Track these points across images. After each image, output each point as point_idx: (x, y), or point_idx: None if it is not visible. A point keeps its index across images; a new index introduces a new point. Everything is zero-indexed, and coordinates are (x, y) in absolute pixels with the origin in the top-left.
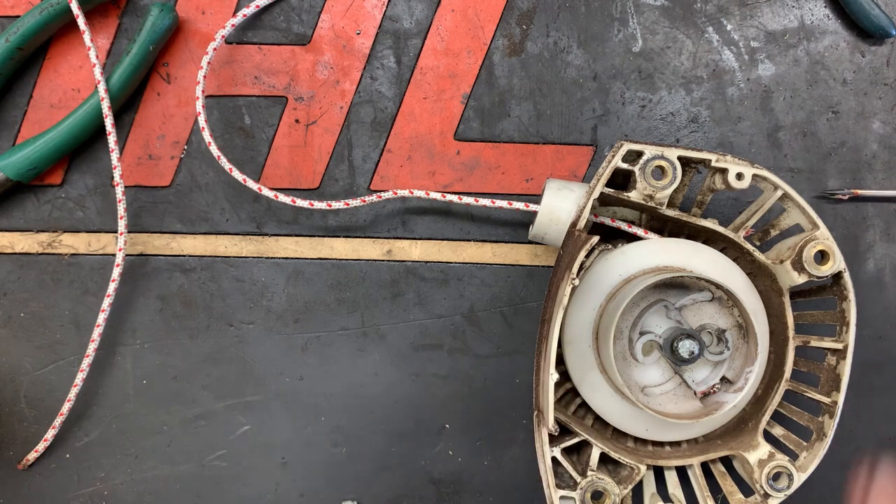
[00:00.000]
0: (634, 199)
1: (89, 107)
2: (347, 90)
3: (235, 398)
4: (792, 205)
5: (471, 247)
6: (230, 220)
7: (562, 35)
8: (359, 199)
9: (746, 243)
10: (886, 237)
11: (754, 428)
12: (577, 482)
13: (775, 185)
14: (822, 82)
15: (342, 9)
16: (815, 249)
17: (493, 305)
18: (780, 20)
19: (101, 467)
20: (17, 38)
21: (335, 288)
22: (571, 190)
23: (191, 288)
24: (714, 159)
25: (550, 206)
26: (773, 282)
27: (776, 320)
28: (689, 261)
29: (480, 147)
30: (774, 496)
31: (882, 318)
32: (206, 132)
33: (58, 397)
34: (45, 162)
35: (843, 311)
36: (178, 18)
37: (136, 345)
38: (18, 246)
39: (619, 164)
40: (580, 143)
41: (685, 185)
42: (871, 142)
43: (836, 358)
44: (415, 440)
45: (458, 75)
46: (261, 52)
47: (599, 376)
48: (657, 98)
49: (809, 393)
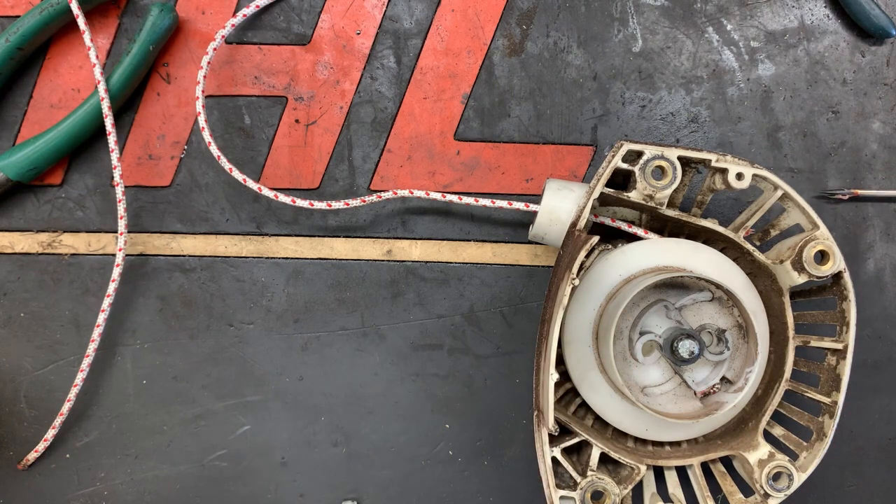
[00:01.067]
0: (634, 199)
1: (89, 107)
2: (347, 90)
3: (235, 398)
4: (792, 205)
5: (471, 247)
6: (230, 220)
7: (562, 35)
8: (359, 199)
9: (746, 243)
10: (886, 237)
11: (754, 428)
12: (577, 482)
13: (775, 185)
14: (822, 82)
15: (342, 9)
16: (815, 249)
17: (493, 305)
18: (780, 20)
19: (101, 467)
20: (17, 38)
21: (335, 288)
22: (571, 190)
23: (191, 288)
24: (714, 159)
25: (550, 206)
26: (773, 282)
27: (776, 320)
28: (689, 261)
29: (480, 147)
30: (774, 496)
31: (882, 318)
32: (205, 132)
33: (58, 397)
34: (45, 162)
35: (843, 311)
36: (178, 18)
37: (136, 345)
38: (18, 246)
39: (620, 164)
40: (580, 143)
41: (685, 185)
42: (871, 142)
43: (836, 358)
44: (415, 440)
45: (458, 75)
46: (261, 52)
47: (599, 376)
48: (657, 98)
49: (809, 393)
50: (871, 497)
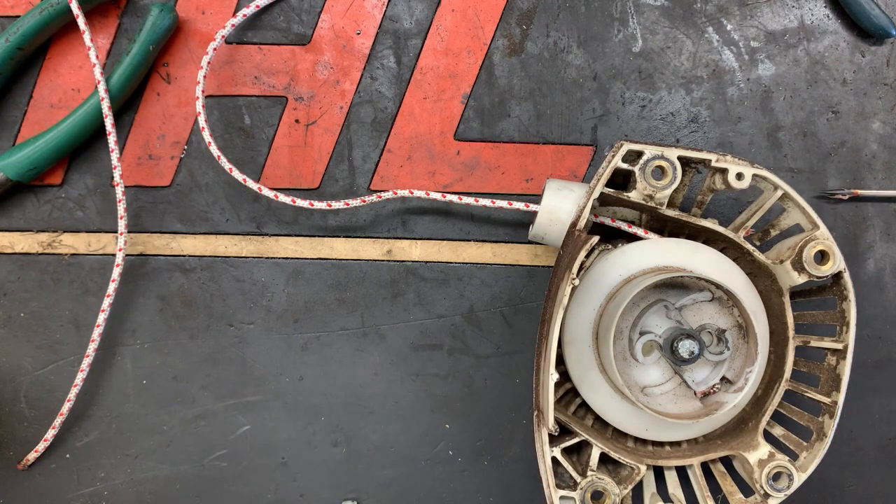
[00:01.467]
0: (634, 199)
1: (89, 107)
2: (347, 90)
3: (235, 398)
4: (792, 205)
5: (471, 247)
6: (230, 220)
7: (562, 35)
8: (359, 199)
9: (746, 243)
10: (886, 237)
11: (754, 428)
12: (577, 482)
13: (775, 185)
14: (822, 82)
15: (342, 9)
16: (815, 249)
17: (493, 305)
18: (780, 20)
19: (101, 467)
20: (17, 38)
21: (335, 288)
22: (571, 190)
23: (191, 288)
24: (714, 159)
25: (550, 206)
26: (773, 282)
27: (776, 320)
28: (689, 261)
29: (480, 147)
30: (774, 496)
31: (882, 318)
32: (206, 132)
33: (58, 397)
34: (45, 162)
35: (843, 311)
36: (178, 18)
37: (136, 345)
38: (18, 246)
39: (619, 164)
40: (580, 143)
41: (685, 185)
42: (871, 142)
43: (836, 358)
44: (415, 440)
45: (458, 75)
46: (261, 52)
47: (599, 376)
48: (657, 98)
49: (809, 393)
50: (871, 497)
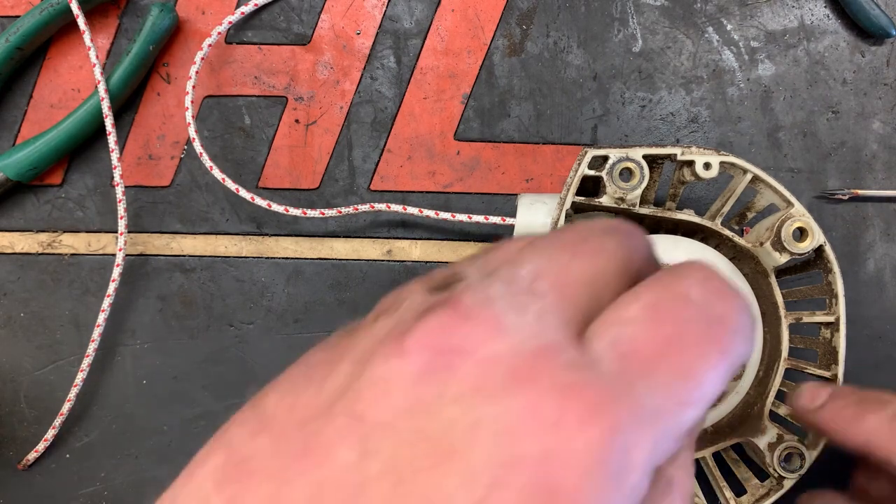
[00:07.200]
0: (606, 203)
1: (89, 107)
2: (347, 90)
3: (236, 398)
4: (763, 186)
5: (471, 247)
6: (230, 220)
7: (562, 35)
8: (351, 208)
9: (725, 230)
10: (886, 237)
11: (760, 412)
12: None
13: (744, 168)
14: (822, 82)
15: (342, 9)
16: (793, 227)
17: None
18: (780, 20)
19: (102, 467)
20: (17, 38)
21: (335, 288)
22: (544, 203)
23: (191, 288)
24: (679, 153)
25: (525, 222)
26: (757, 264)
27: (766, 301)
28: (669, 255)
29: (480, 147)
30: (789, 477)
31: (882, 318)
32: (196, 140)
33: (58, 397)
34: (45, 162)
35: (830, 283)
36: (178, 18)
37: (136, 345)
38: (18, 246)
39: (586, 171)
40: (580, 143)
41: (655, 182)
42: (871, 142)
43: (830, 331)
44: None
45: (458, 75)
46: (261, 52)
47: None
48: (657, 98)
49: (809, 369)
50: None
